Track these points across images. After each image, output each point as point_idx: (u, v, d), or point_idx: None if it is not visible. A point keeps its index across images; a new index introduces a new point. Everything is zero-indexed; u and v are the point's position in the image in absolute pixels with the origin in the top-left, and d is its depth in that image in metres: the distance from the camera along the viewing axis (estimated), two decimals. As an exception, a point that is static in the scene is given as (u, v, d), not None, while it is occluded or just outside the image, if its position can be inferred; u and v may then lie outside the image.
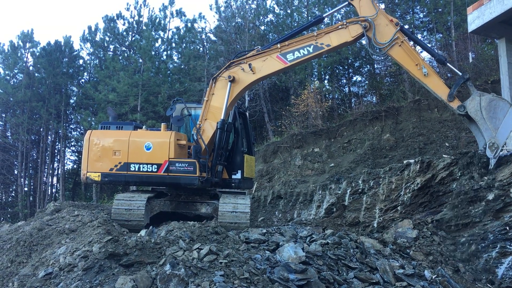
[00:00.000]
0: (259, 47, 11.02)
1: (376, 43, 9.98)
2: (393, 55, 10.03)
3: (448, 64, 10.09)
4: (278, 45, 10.47)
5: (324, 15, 11.47)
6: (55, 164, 39.58)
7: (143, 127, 11.44)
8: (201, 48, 33.00)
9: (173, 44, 34.86)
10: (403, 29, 10.04)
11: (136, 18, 35.16)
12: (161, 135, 10.48)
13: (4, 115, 37.89)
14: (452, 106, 9.71)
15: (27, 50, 37.04)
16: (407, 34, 10.06)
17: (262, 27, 30.99)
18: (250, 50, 11.12)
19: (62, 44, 36.92)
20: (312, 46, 10.32)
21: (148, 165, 10.18)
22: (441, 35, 26.55)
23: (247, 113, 12.91)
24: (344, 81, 31.80)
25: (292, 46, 10.40)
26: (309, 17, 29.24)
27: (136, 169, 10.24)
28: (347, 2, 10.67)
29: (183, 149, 10.40)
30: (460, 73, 9.97)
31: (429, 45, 28.76)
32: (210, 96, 10.83)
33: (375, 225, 10.39)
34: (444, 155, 10.30)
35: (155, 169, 10.12)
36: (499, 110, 9.12)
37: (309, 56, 10.46)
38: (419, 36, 29.11)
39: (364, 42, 10.44)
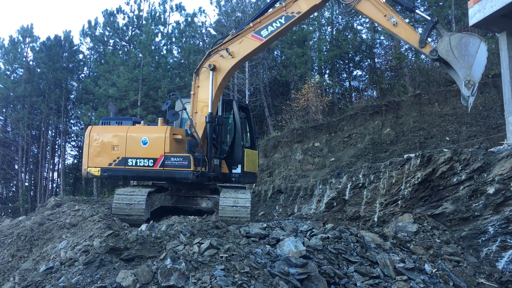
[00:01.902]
0: (234, 30, 11.10)
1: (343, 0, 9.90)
2: (360, 9, 9.90)
3: (417, 11, 9.87)
4: (251, 24, 10.52)
5: None
6: (56, 159, 39.69)
7: (141, 122, 11.46)
8: (201, 43, 32.93)
9: (173, 39, 34.80)
10: None
11: (136, 12, 35.10)
12: (158, 130, 10.54)
13: (4, 110, 37.89)
14: (425, 52, 9.53)
15: (27, 45, 37.05)
16: None
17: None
18: (225, 36, 11.17)
19: (62, 38, 36.91)
20: (283, 17, 10.32)
21: (145, 160, 10.23)
22: (442, 29, 26.46)
23: (249, 107, 12.90)
24: (345, 75, 31.80)
25: (264, 22, 10.44)
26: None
27: (134, 164, 10.32)
28: None
29: (180, 144, 10.41)
30: (429, 18, 9.74)
31: (430, 39, 28.82)
32: (196, 89, 10.92)
33: (376, 219, 10.39)
34: (444, 149, 10.27)
35: (151, 164, 10.18)
36: (471, 46, 8.85)
37: (283, 27, 10.44)
38: (419, 30, 29.04)
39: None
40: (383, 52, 29.95)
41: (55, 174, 39.54)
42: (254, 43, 10.52)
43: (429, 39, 9.62)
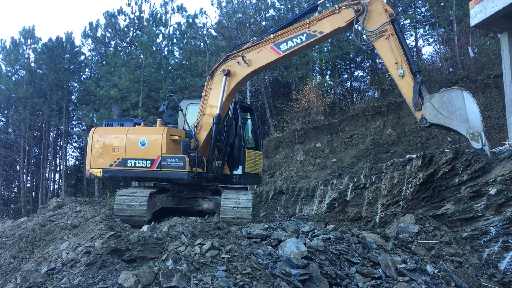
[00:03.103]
0: (255, 38, 10.82)
1: (364, 29, 9.46)
2: (377, 46, 9.48)
3: (418, 75, 8.98)
4: (272, 36, 10.21)
5: (318, 2, 10.89)
6: (57, 160, 39.70)
7: (142, 123, 11.52)
8: (202, 44, 32.94)
9: (174, 40, 34.81)
10: (395, 23, 9.39)
11: (137, 13, 35.06)
12: (155, 131, 10.65)
13: (6, 112, 37.94)
14: (417, 117, 9.02)
15: (29, 47, 37.10)
16: (396, 29, 9.35)
17: (263, 23, 30.90)
18: (246, 42, 10.98)
19: (64, 40, 36.96)
20: (305, 34, 9.95)
21: (143, 161, 10.37)
22: (443, 30, 26.45)
23: (254, 108, 12.85)
24: (346, 76, 31.77)
25: (285, 35, 10.11)
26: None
27: (132, 165, 10.47)
28: None
29: (177, 145, 10.45)
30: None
31: (431, 40, 28.77)
32: (207, 91, 10.82)
33: (377, 220, 10.39)
34: (446, 150, 10.25)
35: (149, 165, 10.30)
36: (455, 100, 8.42)
37: (303, 45, 10.08)
38: (420, 30, 29.05)
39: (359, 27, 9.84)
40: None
41: (57, 175, 39.62)
42: (272, 55, 10.23)
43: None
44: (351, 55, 30.01)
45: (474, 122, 8.26)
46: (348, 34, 29.43)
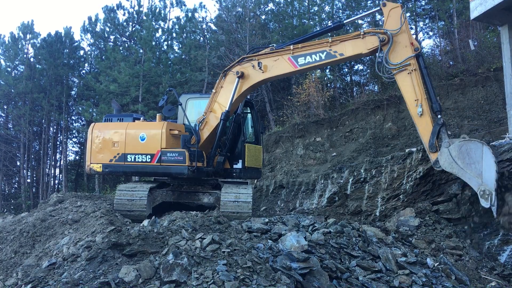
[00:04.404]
0: (274, 45, 10.53)
1: (387, 61, 9.16)
2: (398, 81, 9.16)
3: (439, 115, 8.82)
4: (291, 47, 9.92)
5: (344, 21, 10.65)
6: (58, 156, 39.72)
7: (141, 118, 11.53)
8: (201, 38, 32.85)
9: (174, 34, 34.68)
10: (419, 58, 9.05)
11: (136, 8, 34.94)
12: (155, 125, 10.67)
13: (5, 107, 37.91)
14: (430, 159, 8.79)
15: (28, 42, 36.97)
16: (420, 64, 9.00)
17: (263, 16, 30.79)
18: (265, 47, 10.72)
19: (63, 35, 36.83)
20: (325, 53, 9.61)
21: (143, 156, 10.40)
22: (443, 23, 26.35)
23: (253, 102, 12.85)
24: (346, 70, 31.66)
25: (305, 49, 9.80)
26: (310, 6, 29.08)
27: (132, 160, 10.50)
28: (379, 8, 9.54)
29: (177, 139, 10.46)
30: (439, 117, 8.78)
31: (431, 33, 28.64)
32: (218, 89, 10.71)
33: (377, 213, 10.40)
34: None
35: (149, 159, 10.34)
36: (473, 153, 8.12)
37: (321, 63, 9.80)
38: (420, 24, 28.94)
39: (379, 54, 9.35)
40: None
41: (57, 170, 39.66)
42: (288, 67, 9.95)
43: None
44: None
45: (488, 180, 7.92)
46: (348, 28, 29.40)
